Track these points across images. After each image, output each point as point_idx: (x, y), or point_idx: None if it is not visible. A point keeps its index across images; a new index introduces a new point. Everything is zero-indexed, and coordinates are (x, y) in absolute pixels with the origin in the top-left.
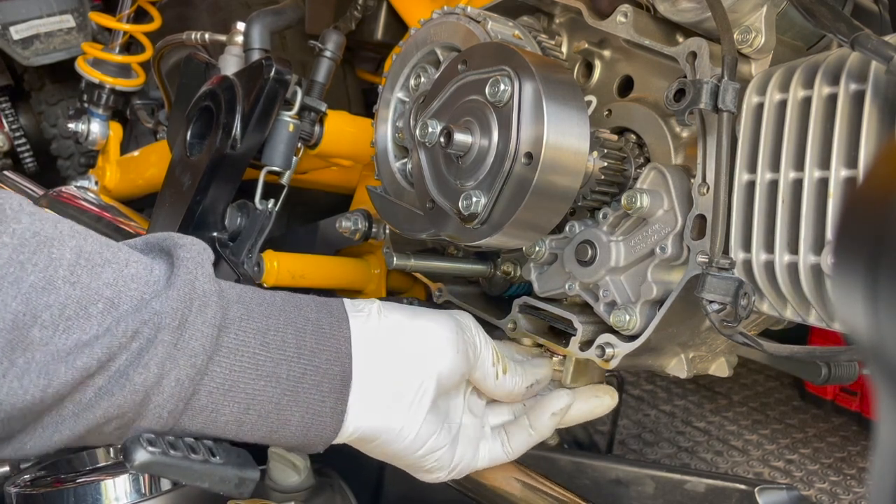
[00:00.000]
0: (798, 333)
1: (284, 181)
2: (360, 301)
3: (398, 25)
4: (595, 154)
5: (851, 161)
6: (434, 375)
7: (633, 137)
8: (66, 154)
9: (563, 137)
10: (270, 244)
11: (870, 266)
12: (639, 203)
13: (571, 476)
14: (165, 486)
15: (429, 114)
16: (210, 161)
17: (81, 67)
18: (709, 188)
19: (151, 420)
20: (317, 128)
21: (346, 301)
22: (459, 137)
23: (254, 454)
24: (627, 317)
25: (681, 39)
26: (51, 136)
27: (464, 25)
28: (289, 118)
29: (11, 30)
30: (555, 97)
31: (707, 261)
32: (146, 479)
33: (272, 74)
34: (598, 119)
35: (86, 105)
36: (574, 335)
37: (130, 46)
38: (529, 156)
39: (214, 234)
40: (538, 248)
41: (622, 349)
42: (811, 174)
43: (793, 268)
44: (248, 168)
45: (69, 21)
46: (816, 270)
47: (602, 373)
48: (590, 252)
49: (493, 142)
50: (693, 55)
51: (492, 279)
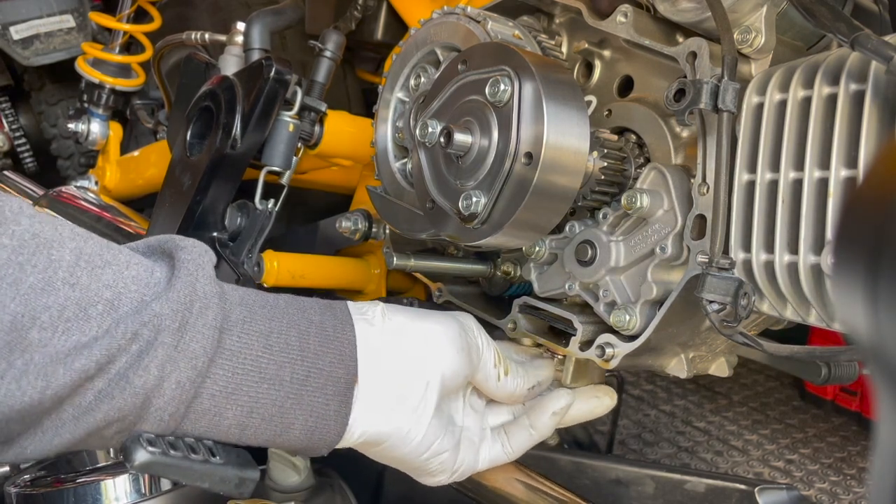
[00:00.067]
0: (798, 333)
1: (284, 181)
2: (364, 303)
3: (398, 25)
4: (595, 154)
5: (851, 161)
6: (438, 377)
7: (633, 137)
8: (66, 154)
9: (563, 137)
10: (270, 244)
11: (870, 266)
12: (639, 203)
13: (571, 476)
14: (165, 486)
15: (429, 114)
16: (210, 161)
17: (81, 67)
18: (709, 188)
19: (153, 423)
20: (317, 128)
21: (350, 304)
22: (459, 137)
23: (254, 454)
24: (627, 317)
25: (681, 39)
26: (51, 136)
27: (464, 25)
28: (289, 118)
29: (11, 30)
30: (555, 97)
31: (707, 261)
32: (146, 480)
33: (272, 74)
34: (598, 119)
35: (86, 105)
36: (574, 335)
37: (130, 46)
38: (529, 156)
39: (214, 234)
40: (538, 248)
41: (622, 349)
42: (811, 174)
43: (793, 268)
44: (248, 168)
45: (69, 21)
46: (816, 270)
47: (602, 373)
48: (590, 252)
49: (493, 142)
50: (693, 55)
51: (492, 279)
